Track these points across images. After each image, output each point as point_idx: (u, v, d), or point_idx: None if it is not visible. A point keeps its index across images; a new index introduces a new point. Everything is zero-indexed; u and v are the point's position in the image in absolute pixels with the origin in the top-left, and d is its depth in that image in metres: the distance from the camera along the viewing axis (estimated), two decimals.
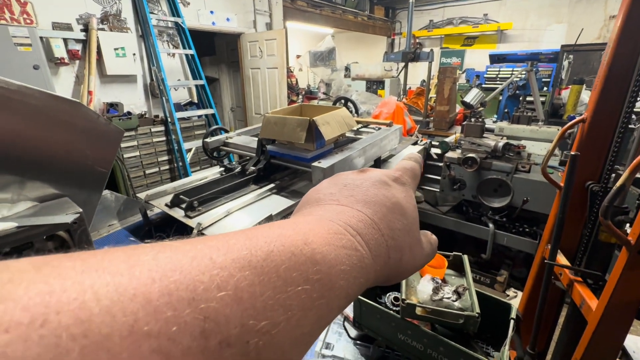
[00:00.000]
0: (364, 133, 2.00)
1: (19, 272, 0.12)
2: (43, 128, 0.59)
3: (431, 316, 0.81)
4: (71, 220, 0.54)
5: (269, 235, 0.19)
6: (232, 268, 0.15)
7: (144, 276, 0.13)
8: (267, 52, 4.38)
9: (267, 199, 1.45)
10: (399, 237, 0.27)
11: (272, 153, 1.61)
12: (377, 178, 0.30)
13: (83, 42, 3.07)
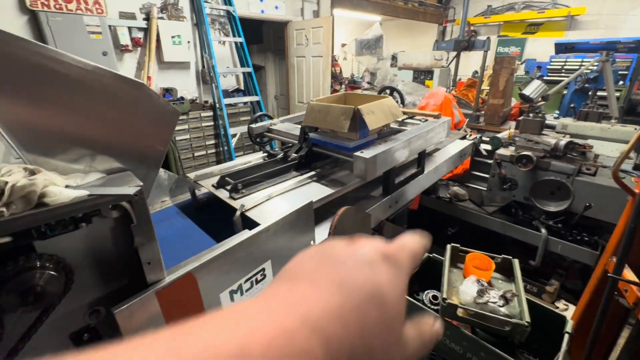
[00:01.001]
0: (409, 124, 1.93)
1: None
2: (112, 106, 0.64)
3: (473, 319, 0.77)
4: (133, 192, 0.59)
5: (197, 345, 0.17)
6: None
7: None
8: (313, 40, 4.36)
9: (307, 187, 1.46)
10: (370, 335, 0.23)
11: (314, 141, 1.61)
12: (365, 255, 0.26)
13: (145, 30, 3.30)
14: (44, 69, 0.55)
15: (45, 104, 0.57)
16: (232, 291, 0.84)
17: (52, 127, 0.59)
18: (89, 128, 0.62)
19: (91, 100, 0.61)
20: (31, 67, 0.53)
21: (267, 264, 0.93)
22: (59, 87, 0.57)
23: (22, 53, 0.52)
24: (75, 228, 0.59)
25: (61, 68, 0.57)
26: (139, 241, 0.64)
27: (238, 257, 0.84)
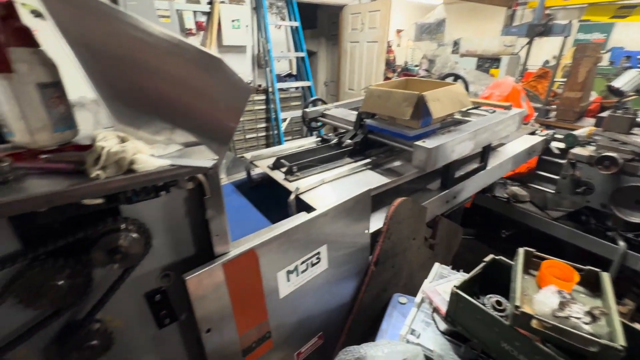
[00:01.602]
0: (473, 115, 1.78)
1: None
2: (193, 79, 0.65)
3: (550, 333, 0.69)
4: (210, 165, 0.60)
5: None
6: None
7: None
8: (369, 24, 4.21)
9: (362, 174, 1.42)
10: None
11: (371, 128, 1.56)
12: None
13: (208, 15, 3.42)
14: (137, 40, 0.57)
15: (136, 75, 0.60)
16: (288, 271, 0.85)
17: (140, 99, 0.61)
18: (171, 101, 0.64)
19: (176, 72, 0.62)
20: (128, 39, 0.56)
21: (322, 248, 0.93)
22: (149, 59, 0.60)
23: (122, 26, 0.54)
24: (155, 196, 0.62)
25: (151, 39, 0.59)
26: (211, 213, 0.66)
27: (297, 238, 0.84)
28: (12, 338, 0.58)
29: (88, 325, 0.64)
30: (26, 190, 0.50)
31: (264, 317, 0.83)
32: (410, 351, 0.84)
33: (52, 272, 0.56)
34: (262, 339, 0.85)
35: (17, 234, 0.54)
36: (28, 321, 0.60)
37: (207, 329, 0.71)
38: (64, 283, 0.57)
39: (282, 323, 0.89)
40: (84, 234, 0.57)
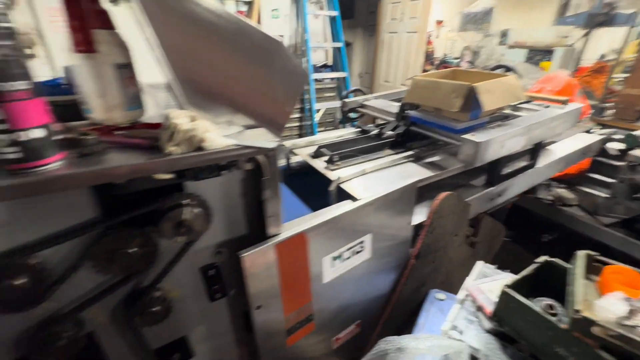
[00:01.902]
0: (523, 110, 1.68)
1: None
2: (256, 62, 0.66)
3: (614, 341, 0.65)
4: (273, 146, 0.62)
5: None
6: None
7: None
8: (409, 14, 4.07)
9: (403, 166, 1.39)
10: None
11: (414, 119, 1.52)
12: None
13: (249, 4, 3.46)
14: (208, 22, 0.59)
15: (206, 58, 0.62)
16: (333, 257, 0.86)
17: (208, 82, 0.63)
18: (236, 84, 0.66)
19: (242, 55, 0.64)
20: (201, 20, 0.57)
21: (367, 237, 0.92)
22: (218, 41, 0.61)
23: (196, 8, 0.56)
24: (217, 174, 0.65)
25: (220, 22, 0.61)
26: (268, 194, 0.68)
27: (344, 225, 0.84)
28: (87, 298, 0.63)
29: (151, 292, 0.68)
30: (108, 162, 0.53)
31: (308, 300, 0.85)
32: (454, 347, 0.82)
33: (124, 240, 0.60)
34: (304, 320, 0.87)
35: (96, 203, 0.59)
36: (100, 284, 0.65)
37: (258, 305, 0.73)
38: (135, 251, 0.62)
39: (324, 307, 0.90)
40: (154, 206, 0.61)
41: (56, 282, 0.57)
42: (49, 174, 0.48)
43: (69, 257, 0.59)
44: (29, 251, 0.54)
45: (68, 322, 0.62)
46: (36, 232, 0.55)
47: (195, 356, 0.87)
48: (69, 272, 0.58)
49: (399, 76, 4.43)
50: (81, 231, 0.57)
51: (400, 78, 4.41)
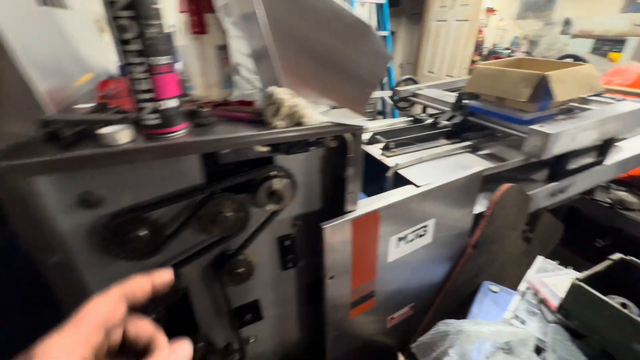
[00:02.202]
0: (592, 102, 1.58)
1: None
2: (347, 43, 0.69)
3: None
4: (363, 125, 0.65)
5: None
6: None
7: None
8: (461, 1, 3.89)
9: (461, 156, 1.38)
10: None
11: (473, 109, 1.49)
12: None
13: None
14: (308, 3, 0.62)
15: (306, 38, 0.66)
16: (399, 238, 0.89)
17: (304, 61, 0.68)
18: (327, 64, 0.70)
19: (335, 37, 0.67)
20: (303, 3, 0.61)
21: (430, 222, 0.94)
22: (315, 23, 0.65)
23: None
24: (306, 150, 0.69)
25: (317, 4, 0.64)
26: (351, 172, 0.72)
27: (412, 208, 0.87)
28: (187, 255, 0.71)
29: (238, 255, 0.75)
30: (221, 133, 0.59)
31: (372, 277, 0.89)
32: (519, 334, 0.83)
33: (224, 205, 0.67)
34: (367, 296, 0.91)
35: (204, 170, 0.66)
36: (198, 244, 0.73)
37: (331, 276, 0.78)
38: (232, 216, 0.68)
39: (385, 286, 0.94)
40: (251, 176, 0.67)
41: (168, 237, 0.65)
42: (179, 140, 0.55)
43: (179, 216, 0.67)
44: (150, 208, 0.62)
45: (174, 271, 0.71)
46: (156, 192, 0.63)
47: (263, 320, 0.94)
48: (178, 229, 0.66)
49: (444, 66, 4.28)
50: (190, 194, 0.64)
51: (446, 68, 4.26)
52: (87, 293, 0.61)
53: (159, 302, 0.72)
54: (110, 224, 0.59)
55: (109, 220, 0.60)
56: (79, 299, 0.62)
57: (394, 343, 1.14)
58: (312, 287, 0.97)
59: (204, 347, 0.85)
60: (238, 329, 0.88)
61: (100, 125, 0.53)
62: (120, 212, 0.60)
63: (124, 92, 0.80)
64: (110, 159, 0.51)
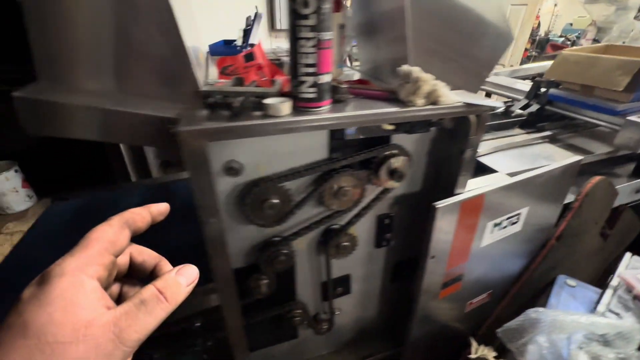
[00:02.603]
0: None
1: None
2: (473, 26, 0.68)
3: None
4: (495, 106, 0.65)
5: None
6: None
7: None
8: None
9: (540, 147, 1.34)
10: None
11: (553, 98, 1.42)
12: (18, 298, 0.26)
13: None
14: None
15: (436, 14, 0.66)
16: (495, 223, 0.89)
17: (432, 43, 0.68)
18: (451, 45, 0.70)
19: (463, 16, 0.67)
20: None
21: (524, 210, 0.93)
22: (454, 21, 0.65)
23: None
24: (427, 130, 0.70)
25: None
26: (469, 153, 0.72)
27: (512, 194, 0.86)
28: (303, 227, 0.76)
29: (347, 229, 0.78)
30: (358, 109, 0.61)
31: (465, 260, 0.90)
32: (622, 327, 0.81)
33: (347, 180, 0.70)
34: (456, 279, 0.93)
35: (329, 146, 0.68)
36: (312, 217, 0.76)
37: (433, 255, 0.80)
38: (350, 190, 0.71)
39: (473, 270, 0.95)
40: (375, 153, 0.69)
41: (294, 207, 0.69)
42: (327, 114, 0.58)
43: (304, 189, 0.71)
44: (283, 179, 0.66)
45: (288, 242, 0.75)
46: (287, 164, 0.67)
47: (350, 294, 0.98)
48: (302, 201, 0.70)
49: None
50: (317, 168, 0.68)
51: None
52: (226, 251, 0.67)
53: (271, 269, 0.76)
54: (248, 191, 0.64)
55: (247, 188, 0.64)
56: (223, 255, 0.67)
57: (467, 329, 1.16)
58: (398, 266, 0.99)
59: (302, 314, 0.90)
60: (329, 300, 0.92)
61: (261, 97, 0.57)
62: (257, 180, 0.65)
63: (240, 69, 0.83)
64: (275, 128, 0.54)
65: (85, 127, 0.53)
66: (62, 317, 0.25)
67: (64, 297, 0.25)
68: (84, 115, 0.53)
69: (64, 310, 0.25)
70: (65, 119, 0.51)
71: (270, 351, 0.99)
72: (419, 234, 0.80)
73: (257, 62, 0.82)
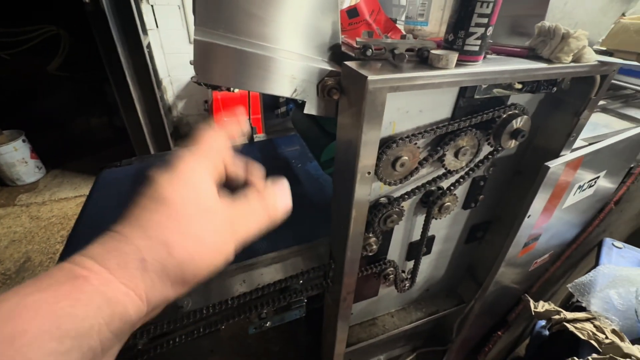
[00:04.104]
0: None
1: None
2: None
3: None
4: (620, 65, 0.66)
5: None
6: None
7: None
8: None
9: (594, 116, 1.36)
10: (157, 231, 0.25)
11: None
12: (151, 176, 0.28)
13: None
14: None
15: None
16: (579, 186, 0.92)
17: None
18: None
19: None
20: None
21: (602, 174, 0.97)
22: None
23: None
24: (551, 90, 0.71)
25: None
26: (585, 115, 0.73)
27: (601, 158, 0.90)
28: (416, 186, 0.77)
29: (455, 189, 0.80)
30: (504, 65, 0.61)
31: (547, 220, 0.94)
32: None
33: (469, 139, 0.71)
34: (535, 238, 0.98)
35: (455, 105, 0.68)
36: (423, 176, 0.78)
37: (529, 214, 0.84)
38: (469, 150, 0.72)
39: (549, 230, 1.00)
40: (500, 113, 0.70)
41: (418, 167, 0.70)
42: (484, 68, 0.57)
43: (429, 148, 0.71)
44: (415, 136, 0.66)
45: (399, 202, 0.77)
46: (416, 123, 0.67)
47: (429, 254, 1.03)
48: (425, 160, 0.71)
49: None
50: (444, 126, 0.68)
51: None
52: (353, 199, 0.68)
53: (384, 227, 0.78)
54: (384, 147, 0.64)
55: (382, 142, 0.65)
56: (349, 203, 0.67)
57: (522, 288, 1.23)
58: (474, 227, 1.03)
59: (394, 272, 0.94)
60: (417, 259, 0.96)
61: (416, 50, 0.56)
62: (393, 137, 0.65)
63: (345, 26, 0.80)
64: (443, 81, 0.54)
65: (250, 77, 0.51)
66: (190, 196, 0.28)
67: (192, 182, 0.29)
68: (251, 63, 0.51)
69: (192, 192, 0.28)
70: (237, 66, 0.49)
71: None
72: (502, 196, 0.82)
73: (362, 18, 0.79)
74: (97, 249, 0.24)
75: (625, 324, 0.89)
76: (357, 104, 0.51)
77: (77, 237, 0.99)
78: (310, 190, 1.29)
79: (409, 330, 1.16)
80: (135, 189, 0.28)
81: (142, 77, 2.42)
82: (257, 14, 0.51)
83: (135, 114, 2.42)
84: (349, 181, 0.62)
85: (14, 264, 2.33)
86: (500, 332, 1.30)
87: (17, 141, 2.96)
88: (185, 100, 3.80)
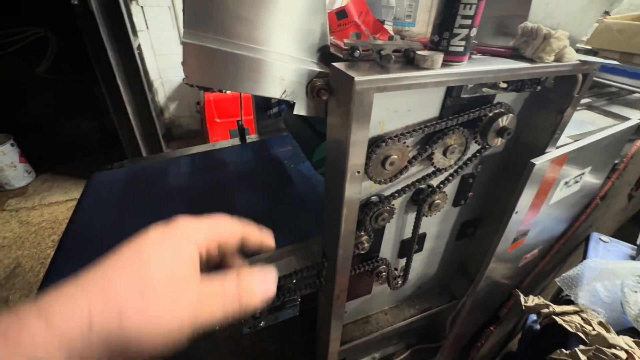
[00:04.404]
0: None
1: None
2: None
3: None
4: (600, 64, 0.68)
5: None
6: None
7: None
8: None
9: (578, 113, 1.39)
10: (118, 291, 0.25)
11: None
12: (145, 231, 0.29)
13: None
14: None
15: None
16: (565, 182, 0.95)
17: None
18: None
19: None
20: None
21: (587, 170, 1.00)
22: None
23: None
24: (534, 88, 0.73)
25: None
26: (568, 113, 0.76)
27: (585, 154, 0.92)
28: (405, 185, 0.78)
29: (444, 187, 0.82)
30: (489, 65, 0.63)
31: (535, 216, 0.96)
32: None
33: (457, 138, 0.72)
34: (524, 233, 1.00)
35: (442, 104, 0.70)
36: (410, 176, 0.79)
37: (517, 211, 0.86)
38: (457, 148, 0.74)
39: (537, 226, 1.02)
40: (484, 112, 0.71)
41: (406, 166, 0.72)
42: (469, 68, 0.59)
43: (417, 148, 0.73)
44: (403, 136, 0.67)
45: (390, 200, 0.78)
46: (404, 122, 0.68)
47: (421, 252, 1.04)
48: (414, 159, 0.72)
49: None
50: (432, 125, 0.69)
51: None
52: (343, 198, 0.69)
53: (375, 226, 0.79)
54: (373, 146, 0.65)
55: (370, 144, 0.66)
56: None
57: (512, 284, 1.26)
58: (464, 224, 1.05)
59: (386, 270, 0.95)
60: (408, 257, 0.97)
61: (402, 51, 0.57)
62: (382, 137, 0.66)
63: (333, 27, 0.81)
64: (429, 81, 0.55)
65: (240, 79, 0.52)
66: (167, 262, 0.28)
67: (176, 251, 0.29)
68: (241, 65, 0.51)
69: (171, 262, 0.28)
70: (227, 69, 0.50)
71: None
72: (490, 193, 0.84)
73: (351, 19, 0.80)
74: (50, 301, 0.24)
75: (611, 316, 0.91)
76: (345, 104, 0.52)
77: (68, 241, 0.99)
78: (302, 190, 1.30)
79: (403, 328, 1.17)
80: (126, 193, 0.28)
81: (132, 79, 2.41)
82: (246, 16, 0.52)
83: (126, 116, 2.40)
84: (340, 180, 0.63)
85: (4, 270, 2.30)
86: (493, 328, 1.32)
87: (5, 145, 2.92)
88: (177, 102, 3.78)
